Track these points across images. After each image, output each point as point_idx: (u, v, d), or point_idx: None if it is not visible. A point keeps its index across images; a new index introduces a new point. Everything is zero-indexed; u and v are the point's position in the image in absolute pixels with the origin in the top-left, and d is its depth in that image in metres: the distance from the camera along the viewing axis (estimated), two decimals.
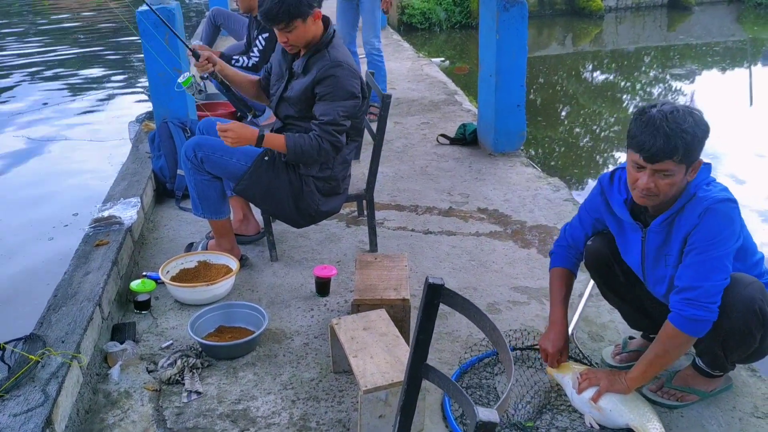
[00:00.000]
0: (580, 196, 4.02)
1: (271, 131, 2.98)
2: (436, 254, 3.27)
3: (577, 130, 6.67)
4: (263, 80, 3.12)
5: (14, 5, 18.29)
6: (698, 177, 1.99)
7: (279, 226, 3.39)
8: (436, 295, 1.45)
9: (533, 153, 5.67)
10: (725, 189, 2.01)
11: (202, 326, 2.67)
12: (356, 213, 3.69)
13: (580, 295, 2.86)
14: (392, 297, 2.51)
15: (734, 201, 1.97)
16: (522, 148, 4.58)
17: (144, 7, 3.95)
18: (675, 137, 1.86)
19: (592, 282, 2.93)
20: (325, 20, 2.86)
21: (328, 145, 2.78)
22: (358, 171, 3.43)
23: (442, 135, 4.78)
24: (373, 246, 3.28)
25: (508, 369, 1.29)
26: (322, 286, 2.92)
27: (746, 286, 1.97)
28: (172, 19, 3.95)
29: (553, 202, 3.78)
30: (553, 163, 5.67)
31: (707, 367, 2.19)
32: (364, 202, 3.33)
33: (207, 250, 3.17)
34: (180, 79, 2.96)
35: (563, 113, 7.25)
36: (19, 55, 10.91)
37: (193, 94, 3.06)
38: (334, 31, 2.88)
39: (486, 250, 3.30)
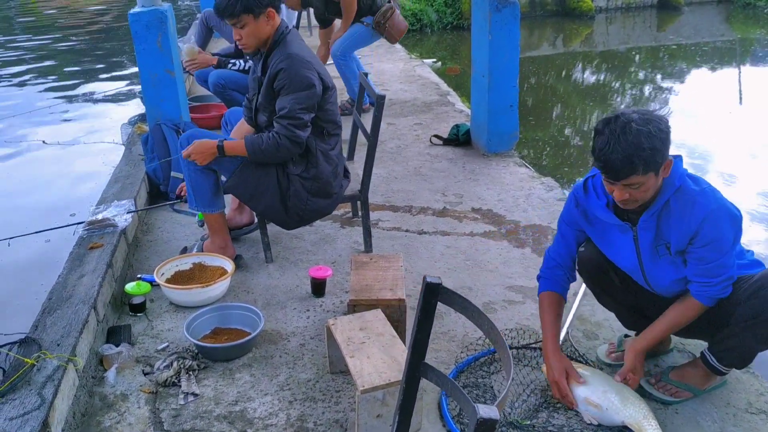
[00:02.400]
0: None
1: None
2: (430, 254, 3.28)
3: (568, 130, 6.70)
4: (246, 114, 3.14)
5: (1, 6, 18.19)
6: (674, 170, 2.01)
7: (273, 228, 3.38)
8: (434, 294, 1.46)
9: (524, 153, 5.69)
10: (709, 186, 2.04)
11: (198, 328, 2.66)
12: (350, 214, 3.70)
13: (575, 294, 2.87)
14: (388, 297, 2.52)
15: (722, 201, 2.01)
16: (515, 148, 4.60)
17: (136, 9, 3.95)
18: (632, 155, 1.87)
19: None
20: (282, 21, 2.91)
21: (285, 141, 2.80)
22: (352, 172, 3.42)
23: (436, 136, 4.79)
24: (368, 247, 3.28)
25: (507, 366, 1.29)
26: (318, 287, 2.93)
27: None
28: (164, 21, 3.94)
29: (546, 202, 3.80)
30: (544, 163, 5.69)
31: (721, 364, 2.18)
32: (359, 203, 3.34)
33: (202, 251, 3.17)
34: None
35: (554, 113, 7.27)
36: (8, 58, 10.85)
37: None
38: (287, 27, 2.89)
39: (481, 249, 3.31)
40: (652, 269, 2.17)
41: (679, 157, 2.06)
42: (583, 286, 2.90)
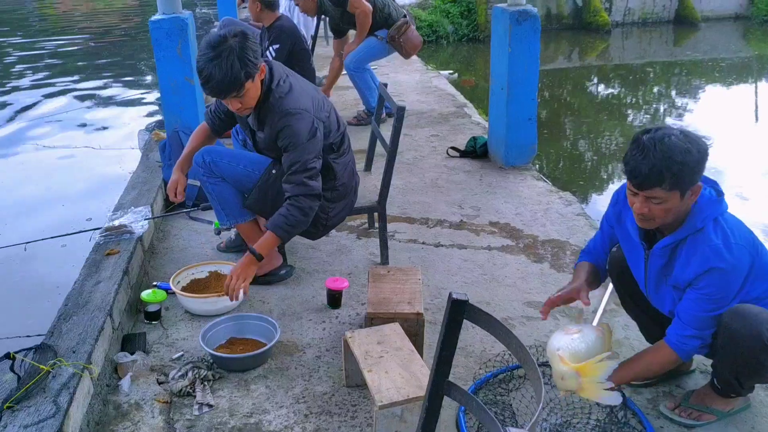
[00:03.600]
0: (589, 210, 4.00)
1: None
2: (447, 268, 3.25)
3: (582, 143, 6.66)
4: (212, 121, 3.02)
5: (21, 11, 18.39)
6: (709, 207, 1.96)
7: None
8: (460, 311, 1.43)
9: (538, 166, 5.65)
10: (734, 235, 1.95)
11: (213, 337, 2.64)
12: (367, 225, 3.68)
13: (594, 311, 2.83)
14: (406, 311, 2.49)
15: (737, 261, 1.93)
16: (533, 161, 4.57)
17: (157, 16, 3.96)
18: (661, 166, 1.84)
19: (606, 296, 2.90)
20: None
21: (305, 202, 2.68)
22: (370, 183, 3.41)
23: (453, 148, 4.77)
24: (385, 258, 3.26)
25: (537, 390, 1.26)
26: (334, 299, 2.90)
27: (754, 317, 1.93)
28: (185, 29, 3.95)
29: (565, 217, 3.76)
30: (559, 177, 5.65)
31: (723, 391, 2.17)
32: (376, 214, 3.31)
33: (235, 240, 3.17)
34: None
35: (568, 127, 7.24)
36: (29, 63, 10.95)
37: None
38: (271, 69, 2.70)
39: (498, 264, 3.27)
40: (655, 292, 2.16)
41: (714, 196, 1.99)
42: (611, 285, 2.88)
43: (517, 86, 4.26)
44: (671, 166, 1.84)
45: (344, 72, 7.07)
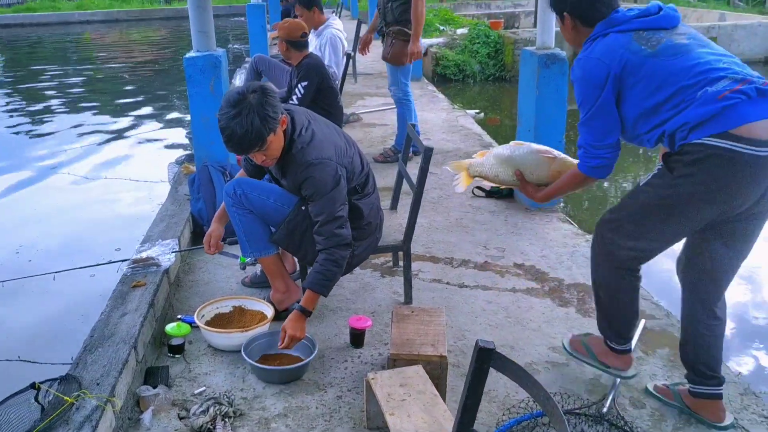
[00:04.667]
0: None
1: None
2: (471, 309, 3.23)
3: (609, 184, 6.62)
4: (246, 168, 3.08)
5: (60, 42, 18.95)
6: (597, 28, 2.27)
7: None
8: (486, 359, 1.42)
9: (564, 206, 5.62)
10: (593, 50, 2.23)
11: (254, 351, 2.77)
12: (391, 263, 3.68)
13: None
14: (429, 353, 2.46)
15: (586, 72, 2.22)
16: (558, 203, 4.54)
17: (192, 53, 4.06)
18: None
19: (633, 342, 2.87)
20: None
21: (337, 253, 2.69)
22: (395, 221, 3.41)
23: (478, 187, 4.77)
24: (408, 298, 3.25)
25: None
26: (357, 338, 2.89)
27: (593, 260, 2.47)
28: (218, 66, 4.04)
29: (589, 259, 3.72)
30: (584, 218, 5.61)
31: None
32: (400, 252, 3.31)
33: (270, 302, 3.12)
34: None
35: None
36: (63, 92, 11.24)
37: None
38: (293, 119, 2.72)
39: (523, 307, 3.24)
40: None
41: (615, 19, 2.24)
42: (642, 323, 2.86)
43: (544, 128, 4.26)
44: None
45: (374, 108, 7.16)
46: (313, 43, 5.74)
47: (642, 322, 3.04)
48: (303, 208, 2.86)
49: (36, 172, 6.80)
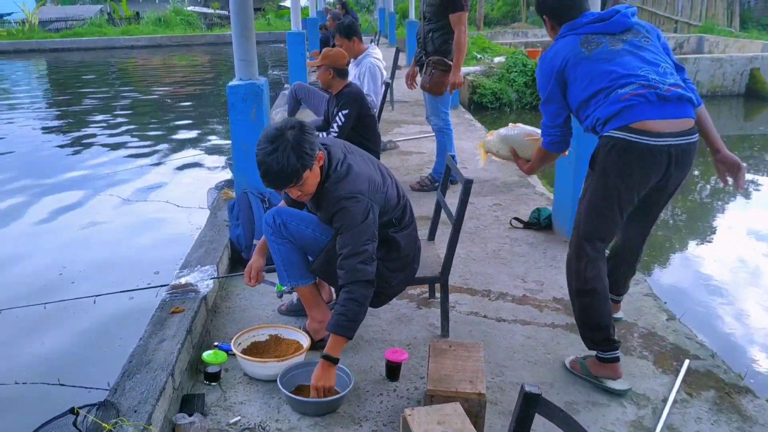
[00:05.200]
0: (658, 290, 3.85)
1: None
2: (509, 344, 3.17)
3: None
4: (287, 201, 3.09)
5: (105, 66, 19.51)
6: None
7: None
8: (532, 405, 1.38)
9: None
10: (549, 50, 2.78)
11: (289, 382, 2.75)
12: (427, 295, 3.64)
13: (664, 400, 2.70)
14: (468, 390, 2.42)
15: (540, 65, 2.84)
16: None
17: (235, 81, 4.13)
18: None
19: (677, 384, 2.79)
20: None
21: (359, 291, 2.63)
22: (433, 252, 3.39)
23: (516, 219, 4.73)
24: (445, 331, 3.21)
25: None
26: (393, 371, 2.86)
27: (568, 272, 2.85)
28: (260, 95, 4.10)
29: (632, 296, 3.64)
30: None
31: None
32: (437, 284, 3.28)
33: (307, 331, 3.11)
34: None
35: None
36: (106, 114, 11.53)
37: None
38: (329, 153, 2.73)
39: (563, 343, 3.18)
40: None
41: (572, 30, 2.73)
42: (674, 390, 2.75)
43: (585, 160, 4.18)
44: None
45: (411, 136, 7.18)
46: (353, 72, 5.80)
47: (686, 363, 2.95)
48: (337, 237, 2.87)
49: (80, 193, 6.95)
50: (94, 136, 9.98)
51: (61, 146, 9.40)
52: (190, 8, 29.38)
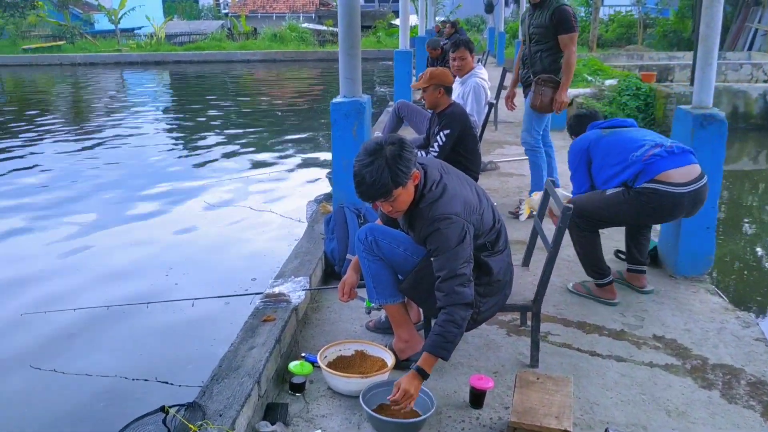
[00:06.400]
0: None
1: None
2: (602, 381, 3.02)
3: (765, 254, 6.06)
4: (382, 219, 3.12)
5: (223, 78, 20.52)
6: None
7: None
8: None
9: (711, 273, 5.19)
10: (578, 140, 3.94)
11: (371, 400, 2.72)
12: (518, 322, 3.55)
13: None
14: (552, 426, 2.33)
15: (572, 147, 3.93)
16: (708, 272, 4.20)
17: (339, 99, 4.21)
18: None
19: None
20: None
21: (458, 314, 2.59)
22: (526, 279, 3.30)
23: (619, 251, 4.52)
24: (534, 361, 3.10)
25: None
26: (477, 398, 2.79)
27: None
28: (362, 112, 4.16)
29: (741, 340, 3.39)
30: (733, 287, 5.15)
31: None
32: (529, 312, 3.19)
33: (392, 350, 3.10)
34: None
35: (750, 235, 6.63)
36: (218, 122, 12.10)
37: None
38: (426, 173, 2.72)
39: (660, 384, 2.99)
40: None
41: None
42: None
43: None
44: None
45: (512, 157, 7.08)
46: (457, 91, 5.78)
47: None
48: (432, 259, 2.84)
49: (189, 197, 7.33)
50: (207, 148, 10.42)
51: (181, 157, 9.90)
52: (304, 25, 30.49)
